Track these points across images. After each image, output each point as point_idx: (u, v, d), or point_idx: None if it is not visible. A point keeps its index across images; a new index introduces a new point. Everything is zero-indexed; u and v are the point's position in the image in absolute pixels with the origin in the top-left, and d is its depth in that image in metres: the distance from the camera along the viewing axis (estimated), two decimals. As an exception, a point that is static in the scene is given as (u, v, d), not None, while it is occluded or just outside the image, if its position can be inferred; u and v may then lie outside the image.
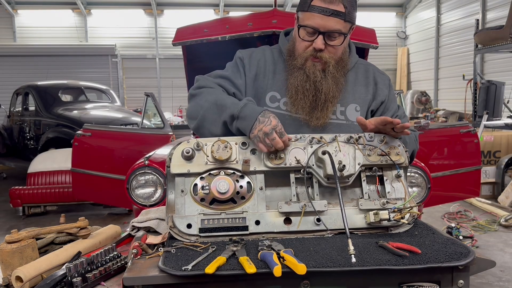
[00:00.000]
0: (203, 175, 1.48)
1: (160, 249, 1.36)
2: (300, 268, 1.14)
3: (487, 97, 7.18)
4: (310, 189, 1.51)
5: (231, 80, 1.75)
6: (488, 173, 6.17)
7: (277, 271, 1.14)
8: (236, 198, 1.48)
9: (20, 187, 5.62)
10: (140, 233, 1.56)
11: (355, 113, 1.77)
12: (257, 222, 1.45)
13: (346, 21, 1.60)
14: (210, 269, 1.16)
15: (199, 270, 1.18)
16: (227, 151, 1.47)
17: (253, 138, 1.48)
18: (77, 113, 7.30)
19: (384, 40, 14.41)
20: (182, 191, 1.48)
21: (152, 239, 1.47)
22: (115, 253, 1.49)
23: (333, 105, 1.70)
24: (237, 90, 1.74)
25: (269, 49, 1.85)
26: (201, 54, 3.20)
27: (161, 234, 1.55)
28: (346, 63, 1.74)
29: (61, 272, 1.36)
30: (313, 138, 1.51)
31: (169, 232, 1.45)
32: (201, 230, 1.43)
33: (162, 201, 2.82)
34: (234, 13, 14.20)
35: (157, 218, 1.67)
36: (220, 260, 1.20)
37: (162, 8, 14.86)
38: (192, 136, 3.30)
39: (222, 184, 1.45)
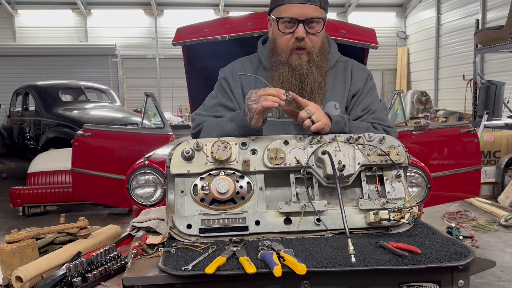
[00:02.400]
0: (203, 176, 1.48)
1: (160, 249, 1.36)
2: (300, 268, 1.14)
3: (487, 97, 7.18)
4: (310, 189, 1.51)
5: (225, 105, 1.80)
6: (488, 173, 6.16)
7: (277, 271, 1.14)
8: (236, 198, 1.48)
9: (20, 187, 5.62)
10: (140, 233, 1.56)
11: (334, 111, 1.78)
12: (257, 222, 1.45)
13: (321, 7, 1.66)
14: (210, 269, 1.16)
15: (199, 270, 1.18)
16: (227, 152, 1.47)
17: (249, 109, 1.51)
18: (77, 113, 7.30)
19: (384, 40, 14.41)
20: (182, 192, 1.48)
21: (152, 239, 1.47)
22: (115, 253, 1.49)
23: (320, 96, 1.72)
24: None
25: (248, 60, 1.89)
26: (201, 54, 3.19)
27: (161, 234, 1.56)
28: (328, 53, 1.77)
29: (61, 272, 1.36)
30: (313, 138, 1.51)
31: (169, 232, 1.45)
32: (201, 230, 1.43)
33: (162, 201, 2.82)
34: (234, 13, 14.20)
35: (157, 218, 1.67)
36: (220, 260, 1.20)
37: (162, 8, 14.86)
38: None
39: (222, 185, 1.45)
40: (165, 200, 1.52)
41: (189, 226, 1.44)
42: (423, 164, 2.85)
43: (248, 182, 1.49)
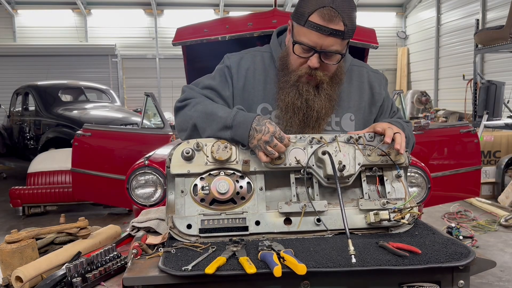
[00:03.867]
0: (203, 176, 1.48)
1: (160, 249, 1.36)
2: (300, 268, 1.14)
3: (487, 97, 7.18)
4: (310, 189, 1.51)
5: (218, 92, 1.66)
6: (488, 173, 6.17)
7: (277, 271, 1.14)
8: (236, 199, 1.48)
9: (20, 187, 5.62)
10: (140, 233, 1.56)
11: (350, 123, 1.72)
12: (257, 223, 1.45)
13: (344, 39, 1.51)
14: (210, 269, 1.16)
15: (199, 270, 1.18)
16: (227, 152, 1.47)
17: (253, 148, 1.46)
18: (77, 113, 7.30)
19: (384, 40, 14.40)
20: (182, 192, 1.48)
21: (152, 239, 1.47)
22: (115, 253, 1.49)
23: (325, 122, 1.64)
24: (224, 102, 1.67)
25: (260, 55, 1.73)
26: (201, 54, 3.20)
27: (161, 234, 1.55)
28: (341, 78, 1.65)
29: (61, 272, 1.36)
30: (313, 138, 1.50)
31: (169, 232, 1.45)
32: (201, 230, 1.43)
33: (162, 201, 2.82)
34: (234, 13, 14.20)
35: (157, 218, 1.67)
36: (220, 260, 1.20)
37: (162, 8, 14.87)
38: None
39: (222, 185, 1.45)
40: (165, 200, 1.52)
41: (189, 226, 1.44)
42: (423, 164, 2.86)
43: (248, 182, 1.49)
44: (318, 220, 1.46)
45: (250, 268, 1.16)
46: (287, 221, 1.47)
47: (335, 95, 1.63)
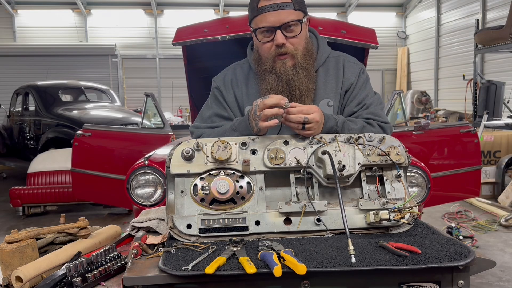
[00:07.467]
0: (203, 176, 1.48)
1: (160, 249, 1.36)
2: (300, 268, 1.14)
3: (487, 97, 7.18)
4: (310, 189, 1.51)
5: (220, 115, 1.83)
6: (488, 173, 6.17)
7: (277, 271, 1.14)
8: (236, 198, 1.48)
9: (20, 187, 5.62)
10: (140, 233, 1.56)
11: (328, 109, 1.76)
12: (257, 222, 1.45)
13: (296, 9, 1.65)
14: (210, 269, 1.16)
15: (199, 270, 1.18)
16: (227, 152, 1.47)
17: (256, 125, 1.53)
18: (77, 113, 7.30)
19: (384, 40, 14.41)
20: (182, 192, 1.48)
21: (152, 239, 1.47)
22: (115, 253, 1.49)
23: (310, 99, 1.71)
24: (229, 121, 1.80)
25: (239, 66, 1.89)
26: (201, 54, 3.20)
27: (161, 234, 1.56)
28: (313, 53, 1.77)
29: (61, 272, 1.36)
30: (313, 138, 1.51)
31: (169, 232, 1.45)
32: (201, 230, 1.43)
33: (162, 201, 2.82)
34: (234, 13, 14.18)
35: (157, 218, 1.67)
36: (220, 260, 1.20)
37: (162, 8, 14.87)
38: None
39: (222, 185, 1.45)
40: (165, 200, 1.52)
41: (189, 226, 1.44)
42: (423, 164, 2.85)
43: (248, 182, 1.49)
44: (318, 220, 1.46)
45: (250, 268, 1.16)
46: (287, 221, 1.47)
47: (312, 67, 1.74)
